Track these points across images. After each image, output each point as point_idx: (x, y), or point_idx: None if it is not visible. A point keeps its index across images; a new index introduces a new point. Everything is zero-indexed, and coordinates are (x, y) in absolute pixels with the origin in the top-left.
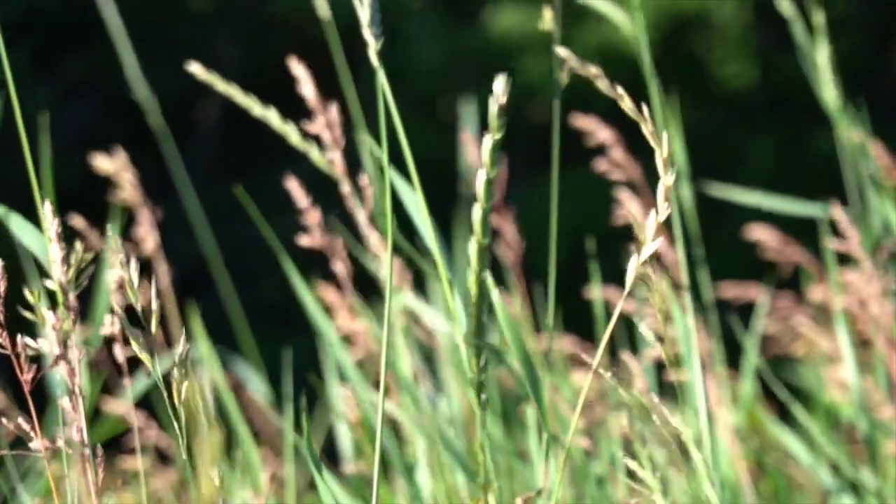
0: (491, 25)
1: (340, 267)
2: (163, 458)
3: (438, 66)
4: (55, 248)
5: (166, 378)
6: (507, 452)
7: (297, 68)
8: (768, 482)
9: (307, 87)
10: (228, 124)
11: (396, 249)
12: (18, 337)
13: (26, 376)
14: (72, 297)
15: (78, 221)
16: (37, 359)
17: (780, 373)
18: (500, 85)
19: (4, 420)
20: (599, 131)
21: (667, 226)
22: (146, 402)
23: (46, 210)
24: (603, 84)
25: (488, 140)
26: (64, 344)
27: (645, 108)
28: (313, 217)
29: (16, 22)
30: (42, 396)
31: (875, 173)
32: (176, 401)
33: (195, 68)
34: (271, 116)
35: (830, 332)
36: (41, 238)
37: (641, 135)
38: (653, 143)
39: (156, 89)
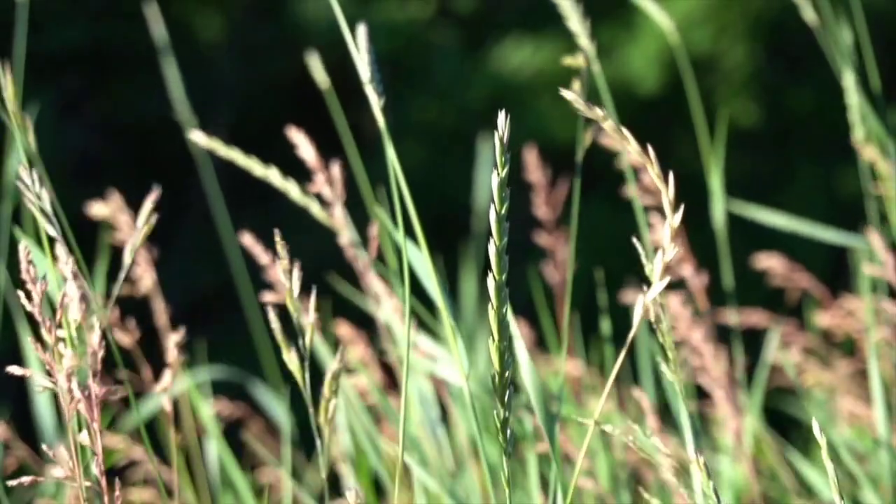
0: (502, 63)
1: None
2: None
3: (454, 99)
4: (71, 286)
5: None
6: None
7: (296, 135)
8: None
9: (306, 151)
10: (235, 146)
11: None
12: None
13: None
14: (95, 336)
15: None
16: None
17: (784, 405)
18: (501, 120)
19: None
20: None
21: (693, 251)
22: (149, 435)
23: (60, 251)
24: (609, 126)
25: (495, 178)
26: (83, 380)
27: (651, 150)
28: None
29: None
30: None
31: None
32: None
33: (197, 137)
34: (272, 176)
35: (835, 362)
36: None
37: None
38: (659, 185)
39: (161, 115)
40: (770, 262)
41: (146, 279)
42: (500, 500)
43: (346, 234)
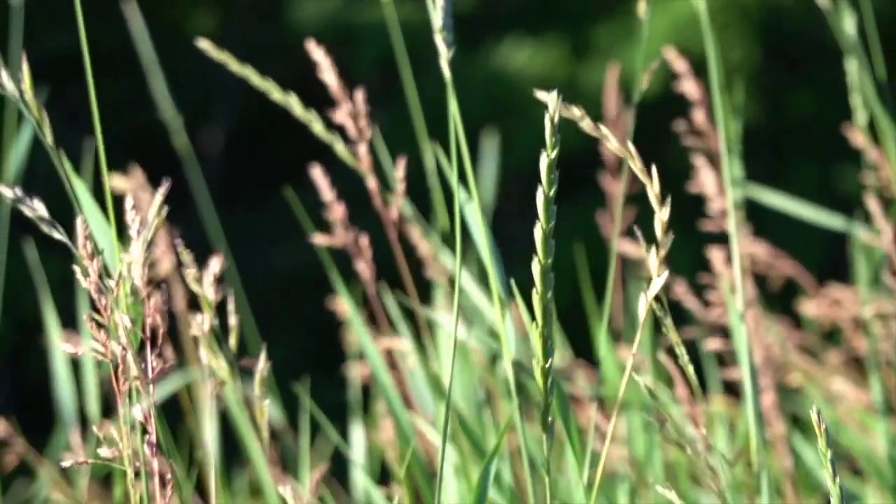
0: (501, 64)
1: (363, 267)
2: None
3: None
4: (136, 246)
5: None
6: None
7: (316, 52)
8: None
9: (328, 75)
10: (231, 153)
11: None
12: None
13: (123, 387)
14: (152, 301)
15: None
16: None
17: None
18: (552, 101)
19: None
20: (686, 82)
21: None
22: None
23: (127, 204)
24: (586, 125)
25: (544, 158)
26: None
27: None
28: (338, 212)
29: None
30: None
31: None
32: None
33: (204, 44)
34: (292, 103)
35: (827, 355)
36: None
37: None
38: (643, 179)
39: (156, 118)
40: (754, 249)
41: (165, 262)
42: (540, 490)
43: (371, 179)
